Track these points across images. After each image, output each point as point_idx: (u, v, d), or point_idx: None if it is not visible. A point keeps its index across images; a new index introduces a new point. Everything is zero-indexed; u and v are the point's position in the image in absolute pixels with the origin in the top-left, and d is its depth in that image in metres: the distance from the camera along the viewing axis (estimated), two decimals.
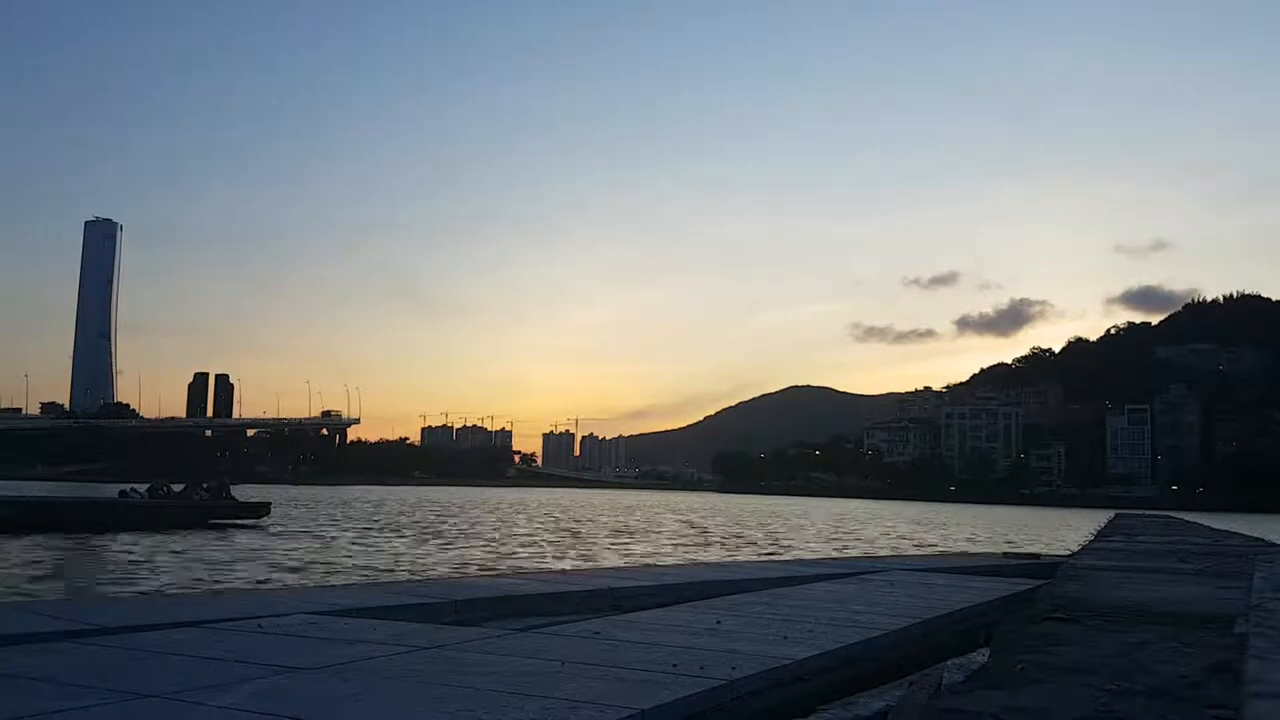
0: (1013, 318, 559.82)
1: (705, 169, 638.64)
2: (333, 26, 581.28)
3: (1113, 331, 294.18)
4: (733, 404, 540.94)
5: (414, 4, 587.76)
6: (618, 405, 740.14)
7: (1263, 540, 23.48)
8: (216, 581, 18.46)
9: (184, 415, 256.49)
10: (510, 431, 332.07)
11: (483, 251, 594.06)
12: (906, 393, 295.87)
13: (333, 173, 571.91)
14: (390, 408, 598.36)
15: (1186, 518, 43.48)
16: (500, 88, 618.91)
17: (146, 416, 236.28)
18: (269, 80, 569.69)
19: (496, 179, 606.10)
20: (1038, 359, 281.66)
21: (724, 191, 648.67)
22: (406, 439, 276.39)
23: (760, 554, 30.24)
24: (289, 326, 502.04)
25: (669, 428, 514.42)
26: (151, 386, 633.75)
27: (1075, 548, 22.08)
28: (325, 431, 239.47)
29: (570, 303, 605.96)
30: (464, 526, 42.40)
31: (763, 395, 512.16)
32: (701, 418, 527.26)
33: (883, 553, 29.95)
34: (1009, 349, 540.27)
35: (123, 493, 37.79)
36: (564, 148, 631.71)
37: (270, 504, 40.33)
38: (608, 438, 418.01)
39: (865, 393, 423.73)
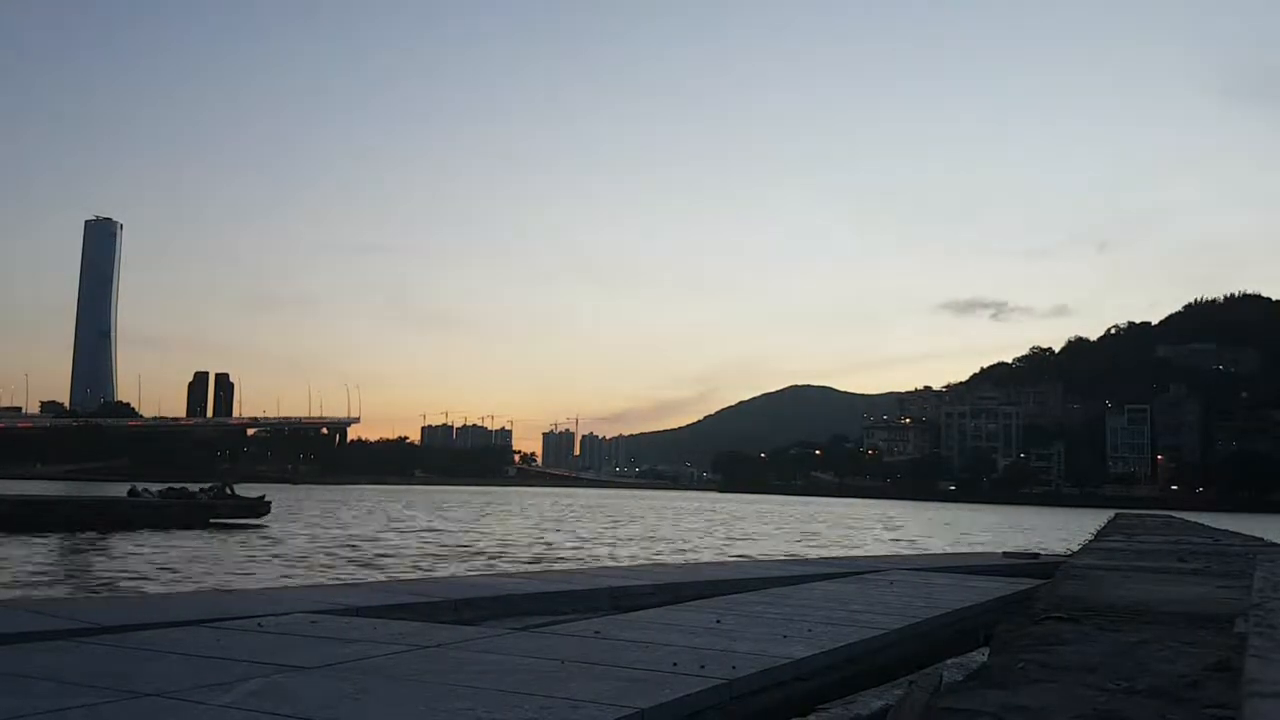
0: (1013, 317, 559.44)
1: (702, 167, 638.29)
2: (336, 33, 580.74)
3: (1113, 331, 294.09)
4: (733, 404, 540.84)
5: (416, 31, 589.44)
6: (617, 405, 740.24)
7: (1263, 540, 23.46)
8: (217, 580, 18.47)
9: (184, 415, 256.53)
10: (510, 431, 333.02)
11: (483, 252, 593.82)
12: (906, 393, 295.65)
13: (333, 186, 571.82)
14: (390, 408, 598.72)
15: (1186, 517, 43.45)
16: (495, 111, 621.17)
17: (146, 416, 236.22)
18: (270, 77, 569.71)
19: (500, 181, 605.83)
20: (1038, 359, 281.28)
21: (722, 191, 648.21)
22: (406, 439, 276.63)
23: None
24: (289, 326, 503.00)
25: (669, 427, 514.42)
26: (151, 386, 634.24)
27: (1075, 548, 22.04)
28: (325, 431, 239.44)
29: (571, 302, 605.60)
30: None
31: (763, 395, 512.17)
32: (701, 417, 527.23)
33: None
34: (1009, 349, 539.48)
35: (133, 491, 37.76)
36: (563, 149, 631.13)
37: (270, 502, 40.31)
38: (608, 437, 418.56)
39: (865, 393, 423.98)
